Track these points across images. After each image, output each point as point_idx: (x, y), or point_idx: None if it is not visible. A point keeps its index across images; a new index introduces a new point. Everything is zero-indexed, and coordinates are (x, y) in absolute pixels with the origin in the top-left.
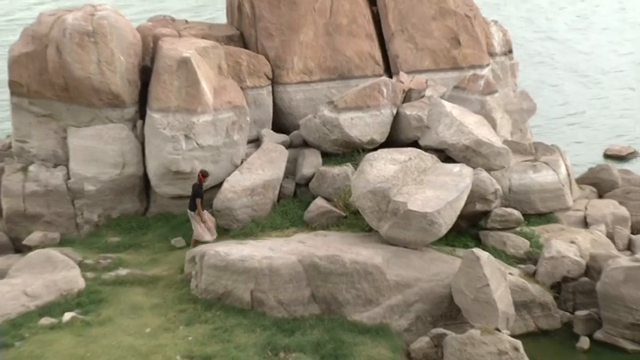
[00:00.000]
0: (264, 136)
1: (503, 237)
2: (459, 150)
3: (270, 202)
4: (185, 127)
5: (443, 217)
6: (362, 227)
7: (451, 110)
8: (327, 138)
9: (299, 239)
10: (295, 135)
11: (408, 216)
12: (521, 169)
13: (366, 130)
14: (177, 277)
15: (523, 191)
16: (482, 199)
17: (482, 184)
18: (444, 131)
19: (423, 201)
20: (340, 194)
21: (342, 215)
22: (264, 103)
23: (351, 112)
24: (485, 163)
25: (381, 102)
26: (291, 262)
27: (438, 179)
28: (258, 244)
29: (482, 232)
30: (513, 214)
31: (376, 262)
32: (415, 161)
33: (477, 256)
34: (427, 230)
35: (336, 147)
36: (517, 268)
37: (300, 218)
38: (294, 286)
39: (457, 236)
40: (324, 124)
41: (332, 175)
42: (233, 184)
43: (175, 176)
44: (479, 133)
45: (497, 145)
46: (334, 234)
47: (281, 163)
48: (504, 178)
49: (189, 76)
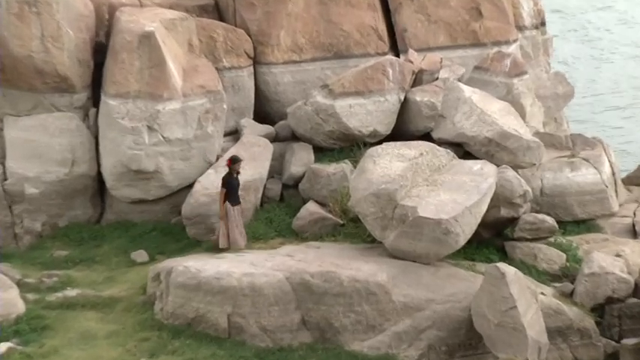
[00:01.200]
0: (245, 127)
1: (533, 249)
2: (480, 144)
3: (251, 207)
4: (148, 117)
5: (461, 225)
6: (363, 237)
7: (471, 96)
8: (321, 129)
9: (286, 252)
10: (282, 126)
11: (419, 224)
12: (555, 167)
13: (367, 119)
14: (138, 299)
15: (558, 193)
16: (508, 203)
17: (508, 185)
18: (462, 121)
19: (436, 205)
20: (336, 198)
21: (339, 223)
22: (245, 87)
23: (350, 98)
24: (512, 160)
25: (386, 86)
26: (277, 281)
27: (454, 179)
28: (237, 258)
29: (509, 243)
30: (546, 221)
31: (380, 280)
32: (427, 157)
33: (503, 273)
34: (442, 241)
35: (331, 140)
36: (551, 286)
37: (288, 227)
38: (280, 310)
39: (478, 248)
40: (316, 113)
41: (326, 174)
42: (206, 185)
43: (136, 176)
44: (504, 124)
45: (527, 137)
46: (329, 246)
47: (264, 160)
48: (535, 178)
49: (152, 54)
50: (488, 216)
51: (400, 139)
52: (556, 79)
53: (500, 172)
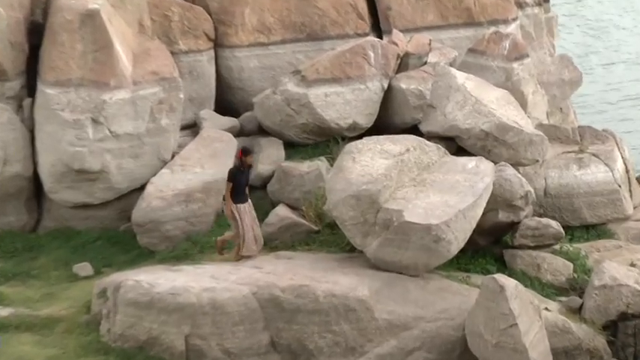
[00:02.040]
0: (205, 119)
1: (536, 258)
2: (475, 138)
3: (212, 211)
4: (93, 108)
5: (453, 231)
6: (341, 246)
7: (464, 82)
8: (292, 122)
9: (253, 264)
10: (247, 118)
11: (405, 230)
12: (561, 164)
13: (346, 110)
14: (81, 319)
15: (564, 194)
16: (507, 205)
17: (507, 185)
18: (454, 112)
19: (425, 209)
20: (311, 200)
21: (314, 230)
22: (205, 73)
23: (326, 85)
24: (512, 156)
25: (367, 72)
26: (242, 297)
27: (446, 179)
28: (197, 271)
29: (508, 251)
30: (550, 226)
31: (361, 295)
32: (415, 154)
33: (501, 286)
34: (432, 249)
35: (304, 134)
36: (556, 301)
37: None
38: (246, 330)
39: (473, 258)
40: (287, 103)
41: (299, 173)
42: (161, 187)
43: (79, 177)
44: (503, 115)
45: (529, 130)
46: (302, 256)
47: (227, 158)
48: (538, 177)
49: (97, 35)
50: (484, 221)
51: (384, 132)
52: (562, 63)
53: (498, 171)
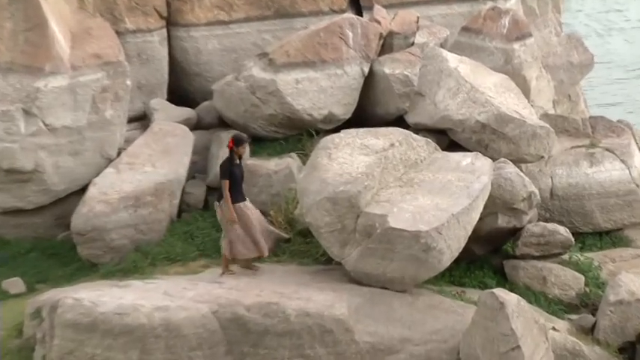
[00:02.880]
0: (156, 110)
1: (542, 270)
2: (470, 130)
3: (165, 217)
4: (24, 98)
5: (445, 238)
6: (315, 257)
7: (457, 66)
8: (258, 113)
9: (213, 278)
10: (206, 109)
11: (390, 237)
12: (570, 161)
13: (320, 99)
14: (12, 343)
15: (574, 196)
16: (508, 209)
17: (507, 186)
18: (446, 100)
19: (413, 213)
20: (280, 204)
21: (283, 238)
22: (156, 57)
23: (297, 70)
24: (514, 152)
25: (345, 54)
26: (201, 316)
27: (437, 178)
28: (147, 286)
29: (509, 262)
30: (558, 232)
31: (338, 314)
32: (400, 149)
33: (501, 302)
34: (420, 260)
35: (272, 127)
36: (565, 319)
37: (215, 243)
38: (205, 355)
39: (469, 270)
40: (252, 91)
41: (266, 173)
42: (104, 189)
43: (8, 177)
44: (502, 103)
45: (532, 121)
46: (270, 268)
47: (182, 155)
48: (543, 176)
49: (29, 12)
50: (481, 226)
51: (364, 125)
52: (570, 43)
53: (497, 168)
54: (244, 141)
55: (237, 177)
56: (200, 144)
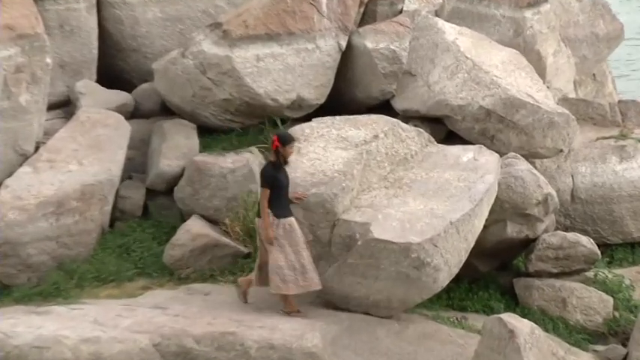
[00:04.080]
0: (83, 94)
1: (561, 290)
2: (472, 118)
3: (95, 227)
4: None
5: (442, 252)
6: None
7: (456, 39)
8: (210, 98)
9: (154, 302)
10: (145, 92)
11: (374, 251)
12: (595, 156)
13: (287, 80)
14: None
15: (600, 198)
16: (519, 215)
17: (518, 186)
18: (442, 81)
19: (402, 221)
20: (237, 210)
21: (242, 252)
22: (82, 28)
23: (258, 44)
24: (526, 144)
25: (317, 24)
26: (140, 350)
27: (431, 177)
28: (73, 313)
29: (521, 280)
30: (580, 244)
31: (310, 346)
32: (386, 142)
33: (511, 330)
34: (411, 279)
35: (227, 115)
36: (590, 351)
37: (157, 260)
38: None
39: (471, 290)
40: (203, 71)
41: (220, 172)
42: (19, 193)
43: None
44: (511, 85)
45: (549, 107)
46: (226, 290)
47: (116, 150)
48: (563, 174)
49: None
50: (487, 237)
51: (342, 112)
52: (595, 11)
53: (505, 165)
54: (290, 140)
55: (283, 185)
56: (138, 136)
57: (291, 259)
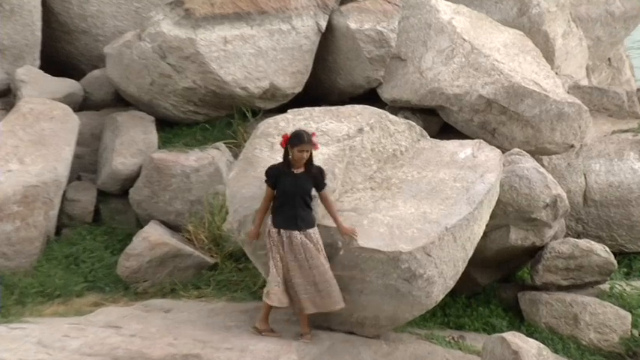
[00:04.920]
0: (24, 82)
1: (572, 305)
2: (470, 109)
3: (38, 235)
4: None
5: (436, 262)
6: (252, 290)
7: (452, 19)
8: (171, 86)
9: (107, 321)
10: (96, 80)
11: (358, 261)
12: (611, 152)
13: (259, 66)
14: None
15: (616, 200)
16: (524, 219)
17: (524, 187)
18: (436, 67)
19: (390, 227)
20: (202, 215)
21: (208, 263)
22: (24, 7)
23: (225, 25)
24: (532, 139)
25: (292, 2)
26: None
27: (424, 177)
28: (13, 334)
29: (526, 294)
30: (594, 252)
31: None
32: (372, 136)
33: (515, 351)
34: (401, 293)
35: (191, 106)
36: None
37: (111, 272)
38: None
39: (470, 305)
40: (162, 55)
41: (182, 171)
42: None
43: None
44: (515, 71)
45: (558, 96)
46: (189, 307)
47: (63, 147)
48: (574, 172)
49: None
50: (487, 245)
51: (321, 102)
52: None
53: (508, 163)
54: (300, 142)
55: (286, 192)
56: (88, 130)
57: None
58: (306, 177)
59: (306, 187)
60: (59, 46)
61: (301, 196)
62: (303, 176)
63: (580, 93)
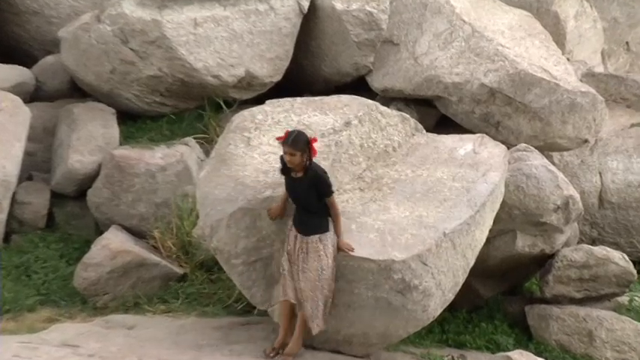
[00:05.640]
0: None
1: (587, 320)
2: (471, 99)
3: None
4: None
5: (433, 271)
6: (226, 303)
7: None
8: (134, 74)
9: (63, 339)
10: (50, 68)
11: (345, 271)
12: (630, 147)
13: (233, 52)
14: None
15: (635, 202)
16: (533, 223)
17: (532, 187)
18: (433, 52)
19: (381, 232)
20: (170, 220)
21: (176, 274)
22: None
23: (194, 5)
24: (541, 133)
25: None
26: None
27: (419, 176)
28: None
29: (535, 308)
30: (611, 260)
31: None
32: (361, 130)
33: None
34: (394, 307)
35: (156, 97)
36: None
37: (67, 283)
38: None
39: (471, 321)
40: (124, 40)
41: (146, 170)
42: None
43: None
44: (521, 56)
45: (570, 84)
46: (155, 323)
47: (12, 142)
48: (589, 171)
49: None
50: (491, 252)
51: (304, 92)
52: None
53: (515, 160)
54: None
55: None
56: (40, 124)
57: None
58: (304, 183)
59: (303, 194)
60: (7, 29)
61: (301, 203)
62: (301, 182)
63: (594, 81)
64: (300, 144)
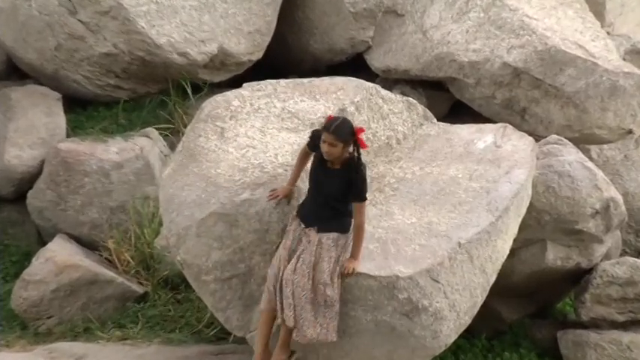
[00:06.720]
0: None
1: (631, 348)
2: (491, 82)
3: None
4: None
5: (446, 291)
6: (195, 328)
7: None
8: (84, 52)
9: None
10: None
11: (342, 291)
12: None
13: (203, 24)
14: None
15: None
16: (566, 232)
17: (564, 188)
18: (445, 24)
19: (383, 242)
20: (127, 228)
21: (135, 293)
22: None
23: None
24: (576, 122)
25: None
26: None
27: (429, 174)
28: None
29: (569, 333)
30: None
31: None
32: (359, 119)
33: None
34: (399, 332)
35: (110, 79)
36: None
37: (3, 305)
38: None
39: (491, 348)
40: (71, 10)
41: (99, 167)
42: None
43: None
44: (552, 29)
45: (610, 64)
46: (108, 352)
47: None
48: (633, 168)
49: None
50: (516, 267)
51: (289, 73)
52: None
53: (544, 155)
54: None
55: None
56: None
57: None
58: (338, 176)
59: (333, 186)
60: None
61: (325, 197)
62: (335, 173)
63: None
64: (344, 134)
